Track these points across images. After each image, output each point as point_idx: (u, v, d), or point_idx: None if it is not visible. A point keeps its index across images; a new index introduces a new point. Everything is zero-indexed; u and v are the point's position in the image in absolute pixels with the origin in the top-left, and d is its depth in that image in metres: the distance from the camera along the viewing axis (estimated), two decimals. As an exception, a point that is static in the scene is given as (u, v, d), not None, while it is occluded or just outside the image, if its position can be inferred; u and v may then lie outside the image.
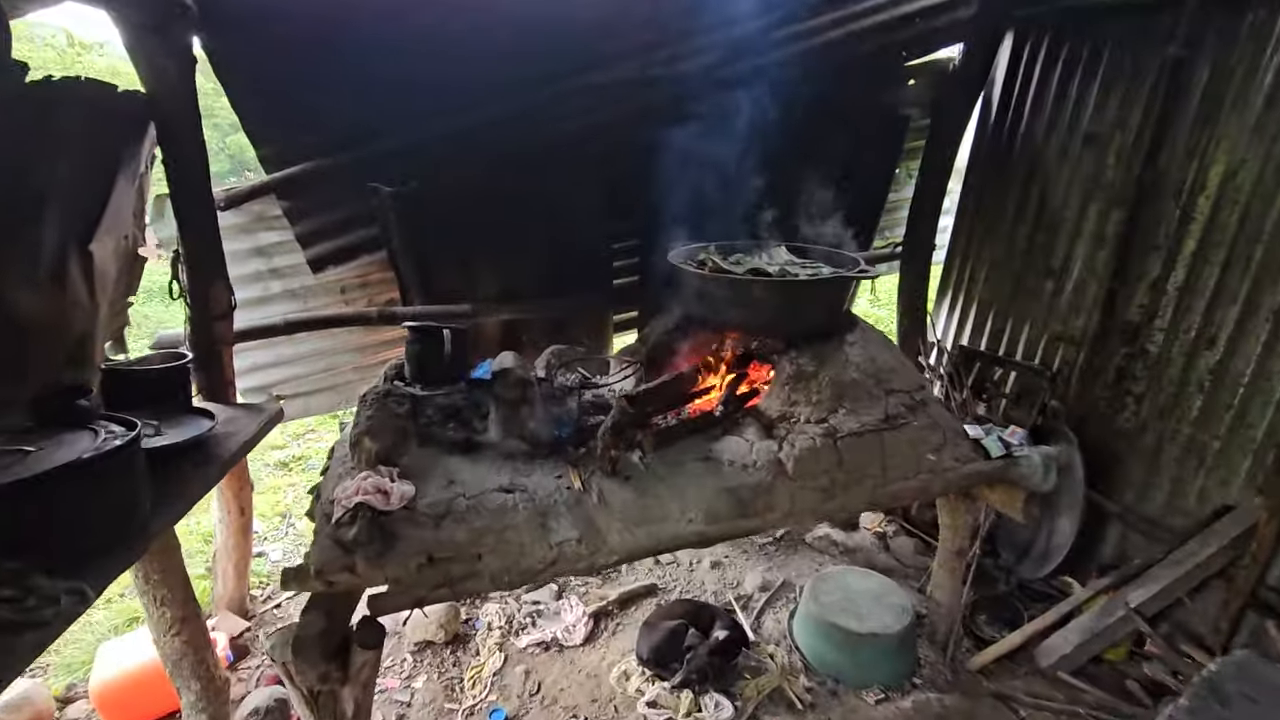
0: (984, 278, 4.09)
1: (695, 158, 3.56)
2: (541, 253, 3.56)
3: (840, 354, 2.82)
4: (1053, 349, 3.70)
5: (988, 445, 2.73)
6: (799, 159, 3.81)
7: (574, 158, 3.42)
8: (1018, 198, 3.84)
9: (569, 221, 3.53)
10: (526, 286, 3.61)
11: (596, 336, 3.97)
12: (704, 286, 2.77)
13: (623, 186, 3.59)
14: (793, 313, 2.77)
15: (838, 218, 3.68)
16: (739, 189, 3.69)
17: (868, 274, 2.72)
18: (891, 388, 2.83)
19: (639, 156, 3.37)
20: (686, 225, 3.48)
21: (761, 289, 2.67)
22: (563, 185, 3.44)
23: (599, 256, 3.70)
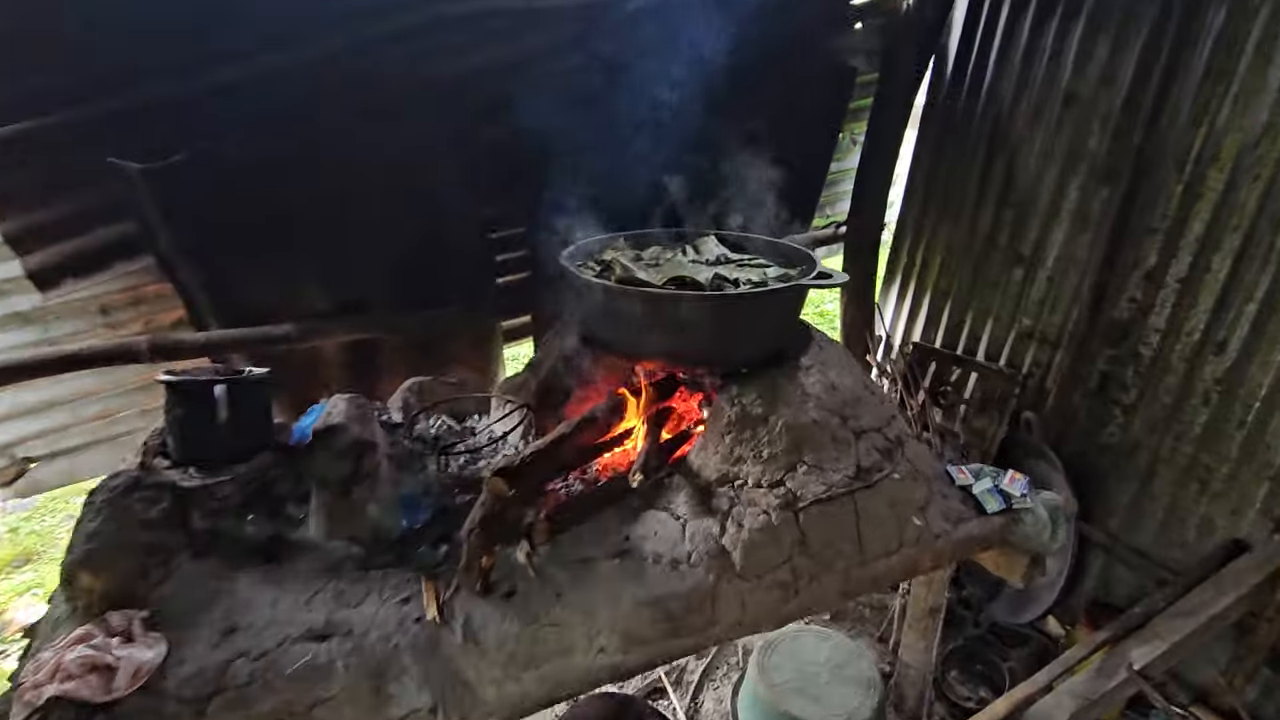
0: (939, 263, 3.51)
1: (596, 119, 2.73)
2: (394, 248, 2.65)
3: (795, 386, 2.12)
4: (1022, 348, 3.17)
5: (982, 498, 2.13)
6: (725, 120, 3.04)
7: (433, 117, 2.50)
8: (980, 169, 3.24)
9: (430, 204, 2.63)
10: (375, 295, 2.69)
11: (479, 354, 3.11)
12: (611, 303, 1.98)
13: (502, 156, 2.71)
14: (733, 336, 2.03)
15: (773, 193, 2.98)
16: (653, 160, 2.91)
17: (829, 280, 2.01)
18: (861, 426, 2.16)
19: (523, 116, 2.50)
20: (588, 207, 2.67)
21: (691, 307, 1.91)
22: (418, 155, 2.52)
23: (474, 249, 2.82)
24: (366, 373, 2.94)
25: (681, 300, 1.89)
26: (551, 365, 2.34)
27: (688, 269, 2.16)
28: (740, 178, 3.11)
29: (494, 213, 2.80)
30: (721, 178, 3.04)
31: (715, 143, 3.06)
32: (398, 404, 2.48)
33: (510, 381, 2.35)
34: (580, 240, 2.44)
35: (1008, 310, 3.21)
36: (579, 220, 2.67)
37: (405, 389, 2.49)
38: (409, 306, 2.75)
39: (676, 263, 2.29)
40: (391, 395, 2.56)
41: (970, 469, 2.28)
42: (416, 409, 2.41)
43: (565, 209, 2.66)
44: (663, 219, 2.96)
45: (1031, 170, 3.04)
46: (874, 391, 2.37)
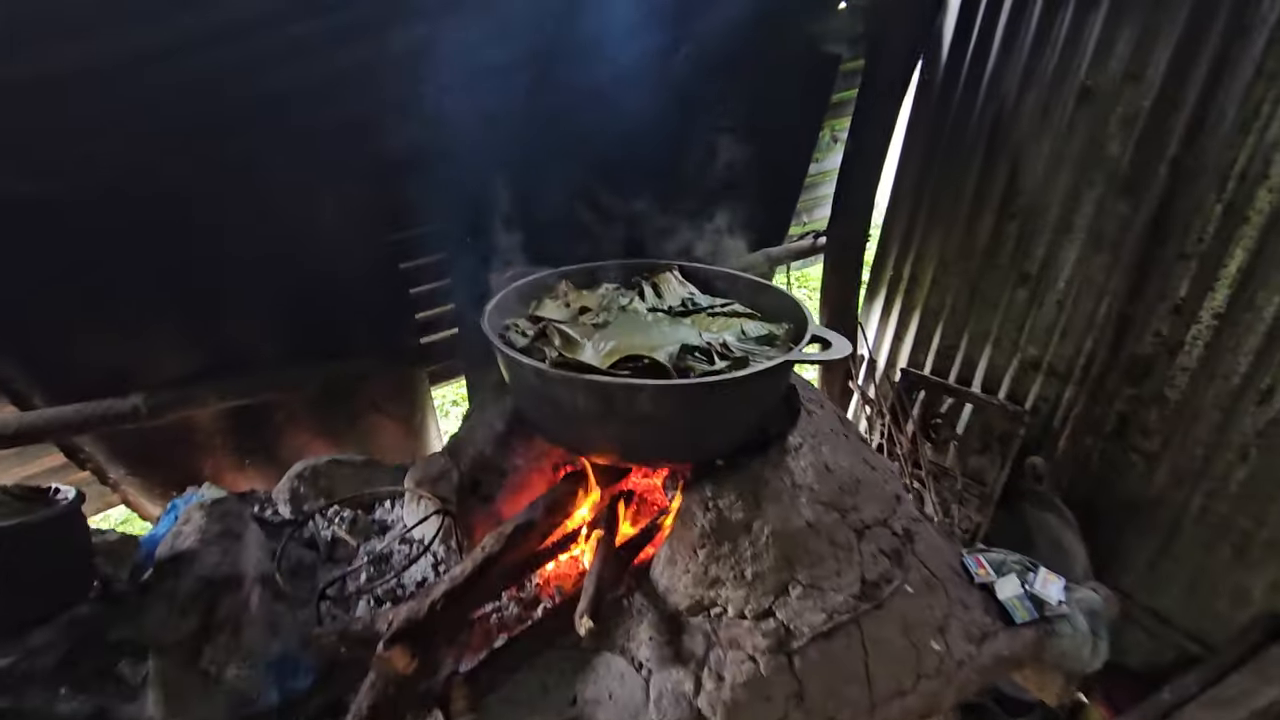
0: (929, 278, 3.11)
1: (529, 119, 2.23)
2: (277, 290, 2.10)
3: (782, 476, 1.69)
4: (1026, 379, 2.81)
5: (1010, 605, 1.75)
6: (688, 118, 2.56)
7: (308, 122, 1.94)
8: (979, 172, 2.83)
9: (317, 235, 2.08)
10: (259, 349, 2.15)
11: (401, 403, 2.60)
12: (548, 390, 1.51)
13: (411, 171, 2.17)
14: (705, 428, 1.58)
15: (744, 202, 2.54)
16: (599, 166, 2.43)
17: (827, 354, 1.57)
18: (864, 520, 1.75)
19: (434, 119, 1.97)
20: (519, 227, 2.18)
21: (652, 400, 1.44)
22: (294, 178, 1.97)
23: (382, 285, 2.28)
24: (258, 437, 2.41)
25: (639, 392, 1.42)
26: (478, 451, 1.85)
27: (644, 332, 1.69)
28: (705, 184, 2.66)
29: (405, 240, 2.26)
30: (684, 185, 2.58)
31: (676, 145, 2.59)
32: (285, 494, 1.97)
33: (427, 468, 1.86)
34: (509, 279, 1.95)
35: (1009, 336, 2.84)
36: (509, 246, 2.18)
37: (295, 475, 1.98)
38: (304, 360, 2.21)
39: (631, 317, 1.81)
40: (291, 468, 2.04)
41: (991, 559, 1.90)
42: (313, 505, 1.90)
43: (491, 232, 2.16)
44: (612, 238, 2.48)
45: (1039, 176, 2.63)
46: (874, 465, 1.96)
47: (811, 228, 3.26)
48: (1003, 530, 2.77)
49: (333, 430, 2.57)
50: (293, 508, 1.94)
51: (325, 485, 1.97)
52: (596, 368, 1.48)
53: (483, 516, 1.84)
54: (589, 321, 1.75)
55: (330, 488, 1.98)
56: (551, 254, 2.18)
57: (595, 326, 1.73)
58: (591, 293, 2.01)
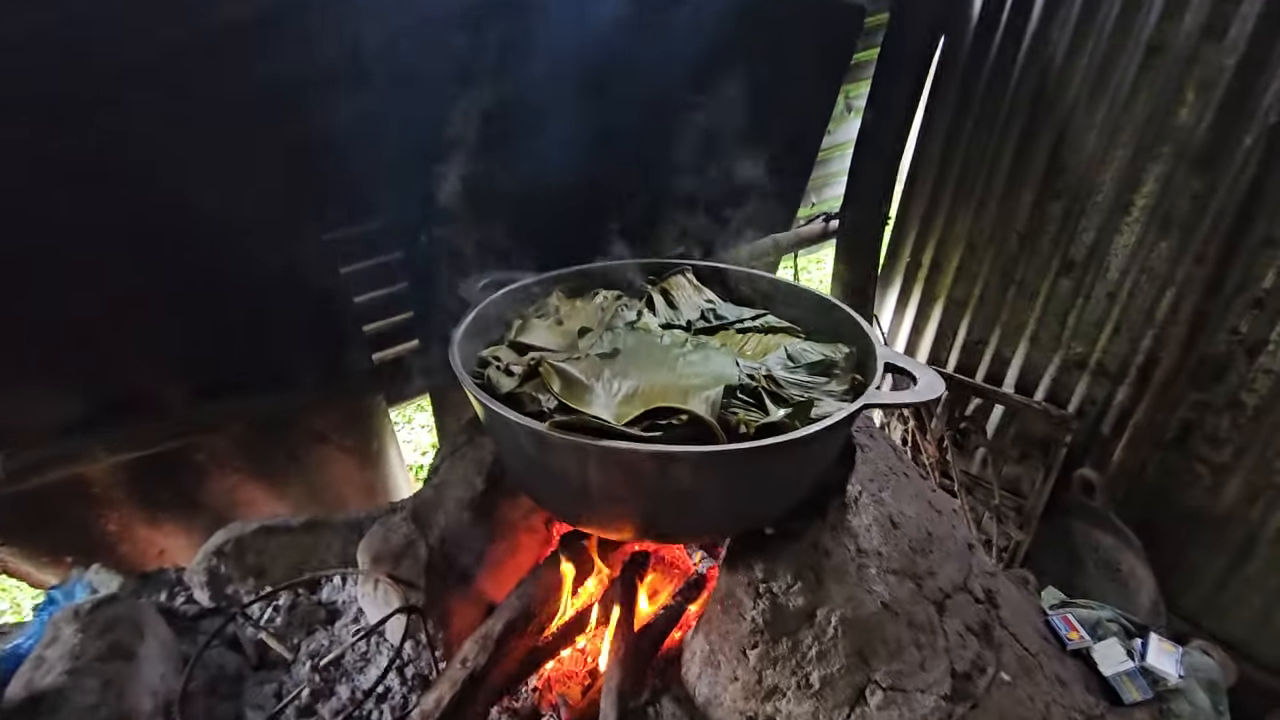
0: (954, 265, 2.77)
1: (496, 81, 1.80)
2: (179, 310, 1.63)
3: (845, 544, 1.33)
4: (1069, 380, 2.50)
5: (1118, 683, 1.44)
6: (682, 82, 2.14)
7: (205, 87, 1.45)
8: (1016, 144, 2.47)
9: (231, 235, 1.61)
10: (156, 388, 1.68)
11: (354, 434, 2.16)
12: (548, 458, 1.10)
13: (348, 150, 1.70)
14: (760, 496, 1.20)
15: (748, 181, 2.18)
16: (577, 141, 2.01)
17: (918, 394, 1.19)
18: (941, 587, 1.41)
19: (374, 82, 1.51)
20: (491, 217, 1.77)
21: (697, 470, 1.05)
22: (190, 155, 1.49)
23: (319, 296, 1.82)
24: (174, 485, 1.95)
25: (680, 463, 1.03)
26: (452, 518, 1.44)
27: (668, 365, 1.28)
28: (703, 162, 2.26)
29: (346, 238, 1.79)
30: (676, 163, 2.17)
31: (668, 114, 2.18)
32: (202, 576, 1.53)
33: (385, 542, 1.44)
34: (483, 289, 1.53)
35: (1050, 331, 2.52)
36: (479, 241, 1.75)
37: (213, 550, 1.53)
38: (223, 395, 1.75)
39: (645, 341, 1.40)
40: (209, 541, 1.60)
41: (1081, 618, 1.59)
42: (237, 602, 1.47)
43: (455, 225, 1.73)
44: (597, 229, 2.07)
45: (1089, 149, 2.29)
46: (938, 507, 1.61)
47: (822, 209, 2.88)
48: (1046, 550, 2.48)
49: (270, 470, 2.11)
50: (212, 593, 1.51)
51: (254, 561, 1.54)
52: (614, 427, 1.08)
53: (461, 600, 1.44)
54: (591, 350, 1.34)
55: (261, 564, 1.55)
56: (530, 251, 1.76)
57: (602, 357, 1.32)
58: (586, 303, 1.60)
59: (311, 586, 1.56)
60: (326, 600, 1.55)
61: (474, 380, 1.25)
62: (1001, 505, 2.56)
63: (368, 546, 1.46)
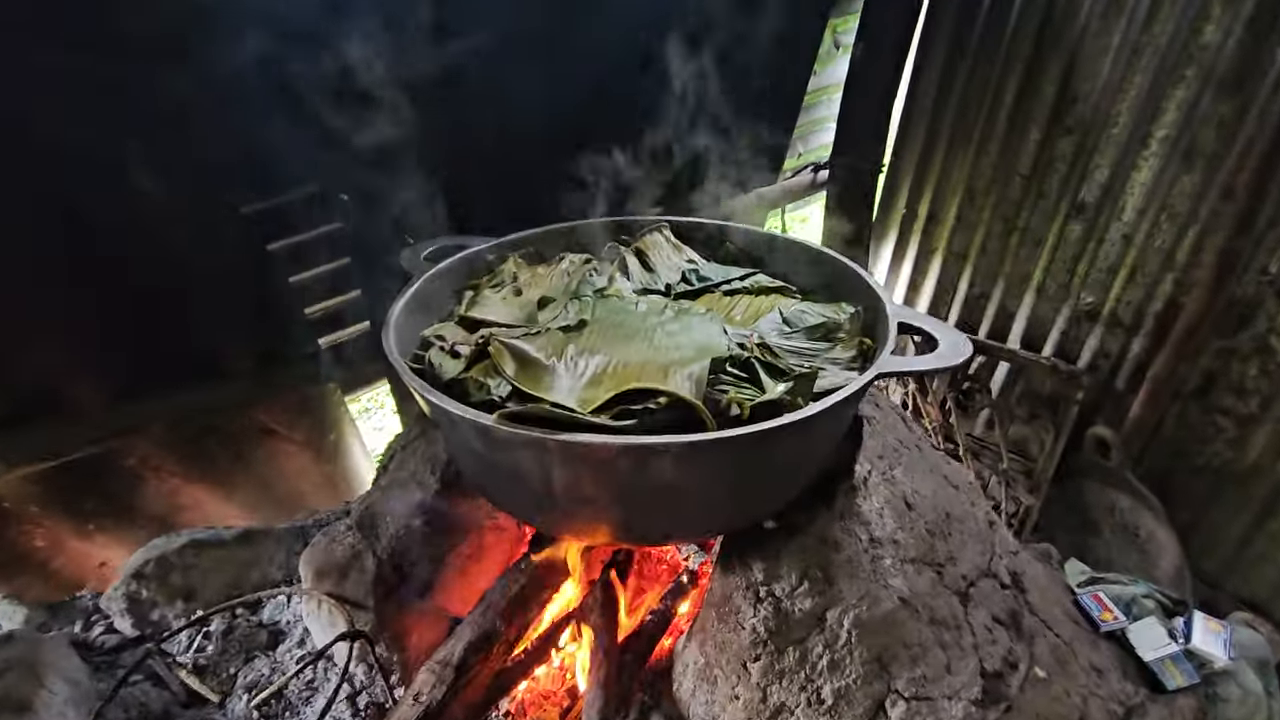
0: (953, 214, 2.57)
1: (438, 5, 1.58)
2: (79, 301, 1.40)
3: (856, 534, 1.16)
4: (1079, 332, 2.33)
5: (1162, 669, 1.29)
6: (647, 19, 1.91)
7: (74, 32, 1.21)
8: (1020, 77, 2.26)
9: (131, 213, 1.37)
10: (67, 387, 1.46)
11: (305, 425, 1.95)
12: (503, 456, 0.91)
13: (266, 106, 1.45)
14: (757, 486, 1.02)
15: (726, 130, 1.98)
16: (543, 85, 1.79)
17: (942, 360, 1.00)
18: (964, 574, 1.25)
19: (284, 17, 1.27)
20: (436, 180, 1.55)
21: (681, 463, 0.86)
22: (67, 119, 1.24)
23: (243, 277, 1.58)
24: (102, 493, 1.74)
25: (660, 456, 0.84)
26: (403, 524, 1.24)
27: (643, 337, 1.08)
28: (674, 108, 2.03)
29: (271, 210, 1.55)
30: (644, 109, 1.95)
31: (632, 52, 1.95)
32: (120, 601, 1.33)
33: (327, 555, 1.24)
34: (428, 258, 1.32)
35: (1058, 280, 2.34)
36: (423, 206, 1.53)
37: (134, 572, 1.33)
38: (143, 394, 1.53)
39: (617, 310, 1.20)
40: (129, 560, 1.39)
41: (1113, 594, 1.43)
42: (159, 629, 1.28)
43: (396, 187, 1.51)
44: (560, 185, 1.85)
45: (1103, 77, 2.08)
46: (954, 481, 1.44)
47: (809, 159, 2.66)
48: (1058, 515, 2.35)
49: (212, 470, 1.91)
50: (135, 620, 1.32)
51: (181, 582, 1.34)
52: (578, 415, 0.88)
53: (418, 617, 1.26)
54: (553, 323, 1.13)
55: (190, 584, 1.35)
56: (484, 213, 1.54)
57: (566, 331, 1.11)
58: (550, 269, 1.39)
59: (252, 606, 1.38)
60: (269, 621, 1.36)
61: (413, 365, 1.05)
62: (1010, 469, 2.41)
63: (309, 560, 1.27)
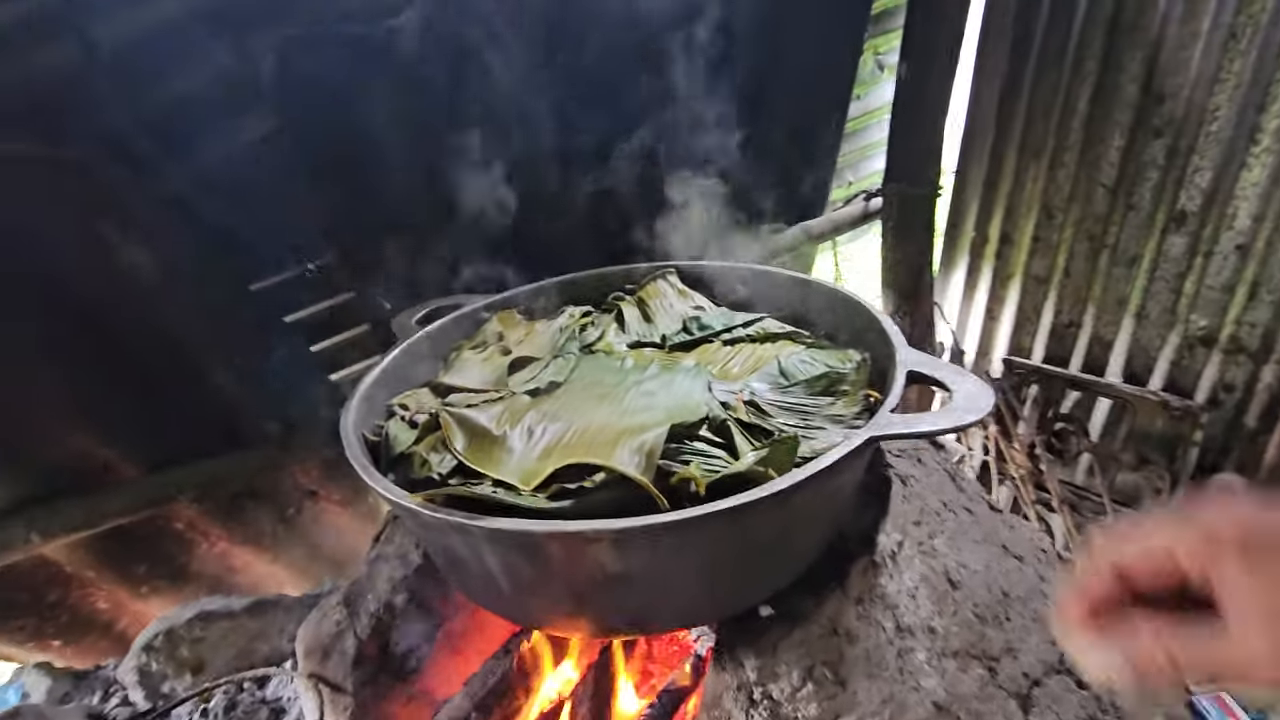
0: (1029, 234, 2.30)
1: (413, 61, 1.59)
2: (104, 379, 1.48)
3: (879, 622, 0.97)
4: (1193, 361, 1.99)
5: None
6: (668, 48, 1.83)
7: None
8: (1095, 78, 2.01)
9: (129, 290, 1.44)
10: (95, 462, 1.53)
11: (341, 491, 1.98)
12: (439, 540, 0.83)
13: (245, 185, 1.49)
14: (736, 570, 0.87)
15: (766, 163, 1.87)
16: (549, 120, 1.76)
17: (956, 418, 0.83)
18: (1025, 670, 1.02)
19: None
20: (437, 236, 1.54)
21: (615, 552, 0.74)
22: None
23: (260, 347, 1.62)
24: (156, 557, 1.82)
25: (585, 544, 0.73)
26: (384, 601, 1.18)
27: (612, 400, 0.98)
28: (702, 141, 1.94)
29: (282, 284, 1.59)
30: (667, 146, 1.88)
31: (650, 88, 1.87)
32: (132, 674, 1.35)
33: (316, 633, 1.20)
34: (420, 321, 1.29)
35: (1161, 302, 2.02)
36: (407, 263, 1.52)
37: (144, 645, 1.35)
38: (171, 462, 1.59)
39: (596, 368, 1.10)
40: (140, 635, 1.42)
41: (1240, 700, 1.14)
42: (166, 703, 1.28)
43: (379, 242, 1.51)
44: (571, 232, 1.80)
45: (1194, 69, 1.80)
46: (1017, 551, 1.21)
47: (859, 188, 2.48)
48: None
49: (256, 534, 1.96)
50: (146, 693, 1.33)
51: (189, 654, 1.35)
52: (503, 498, 0.78)
53: (404, 703, 1.18)
54: (523, 387, 1.05)
55: (199, 656, 1.35)
56: (487, 268, 1.51)
57: (534, 395, 1.03)
58: (547, 325, 1.32)
59: (260, 681, 1.36)
60: (271, 697, 1.34)
61: (371, 437, 1.00)
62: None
63: (301, 636, 1.23)
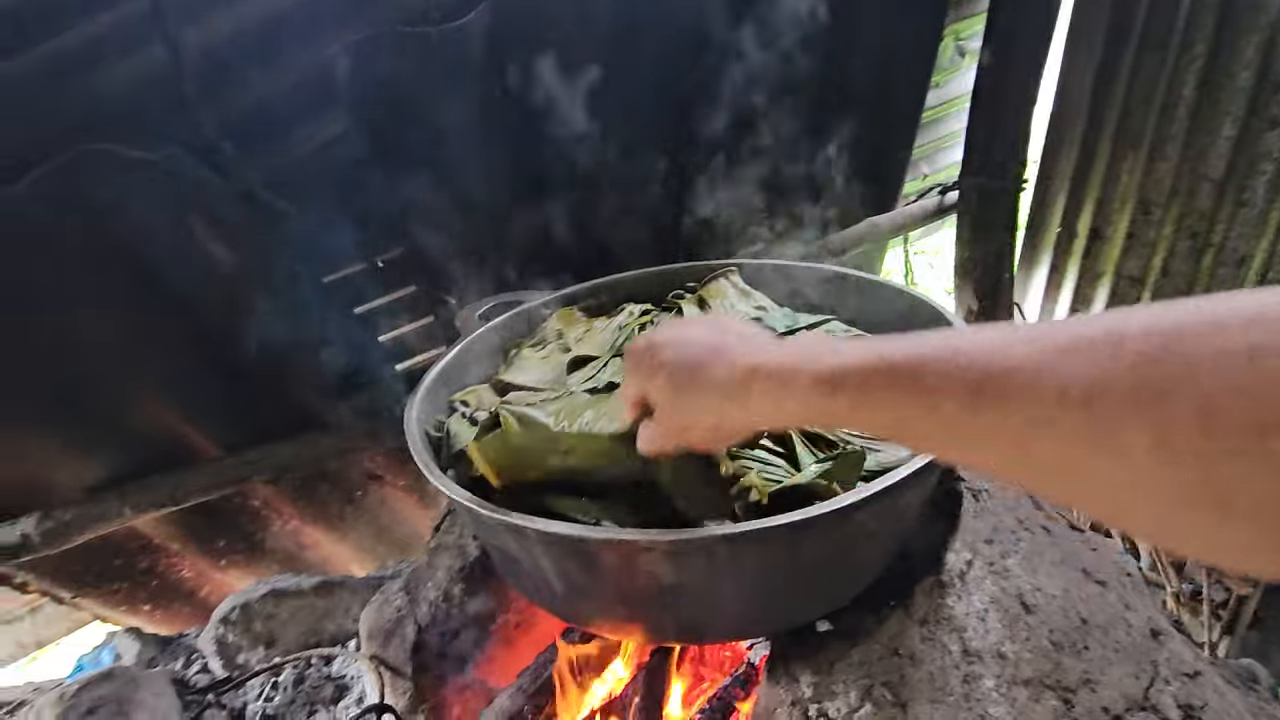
0: (1122, 232, 2.15)
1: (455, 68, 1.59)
2: (193, 369, 1.57)
3: (945, 644, 0.93)
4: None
5: None
6: (734, 35, 1.79)
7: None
8: (1202, 65, 1.85)
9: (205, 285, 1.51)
10: (185, 443, 1.64)
11: (403, 477, 2.04)
12: (496, 539, 0.84)
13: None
14: (794, 585, 0.84)
15: (837, 155, 1.82)
16: (604, 113, 1.73)
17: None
18: (1105, 705, 0.95)
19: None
20: (495, 230, 1.54)
21: (671, 562, 0.73)
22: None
23: (331, 339, 1.67)
24: (235, 532, 1.94)
25: (640, 553, 0.72)
26: (442, 591, 1.21)
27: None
28: (768, 129, 1.91)
29: (348, 279, 1.63)
30: (730, 134, 1.84)
31: (716, 77, 1.83)
32: (210, 644, 1.43)
33: (377, 618, 1.25)
34: (484, 316, 1.31)
35: (1274, 308, 1.85)
36: (476, 259, 1.54)
37: (221, 618, 1.43)
38: (250, 446, 1.68)
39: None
40: (219, 608, 1.51)
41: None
42: (243, 671, 1.35)
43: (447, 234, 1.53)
44: (634, 228, 1.79)
45: (1322, 52, 1.63)
46: (1099, 575, 1.14)
47: (934, 181, 2.37)
48: (1263, 658, 1.81)
49: (325, 514, 2.05)
50: (224, 661, 1.41)
51: (262, 629, 1.42)
52: (579, 513, 0.78)
53: (459, 689, 1.21)
54: (581, 386, 1.05)
55: (271, 631, 1.43)
56: (549, 265, 1.51)
57: (593, 395, 1.03)
58: (607, 323, 1.31)
59: (326, 657, 1.42)
60: (337, 674, 1.39)
61: (433, 433, 1.01)
62: (1196, 597, 1.91)
63: (365, 618, 1.28)
